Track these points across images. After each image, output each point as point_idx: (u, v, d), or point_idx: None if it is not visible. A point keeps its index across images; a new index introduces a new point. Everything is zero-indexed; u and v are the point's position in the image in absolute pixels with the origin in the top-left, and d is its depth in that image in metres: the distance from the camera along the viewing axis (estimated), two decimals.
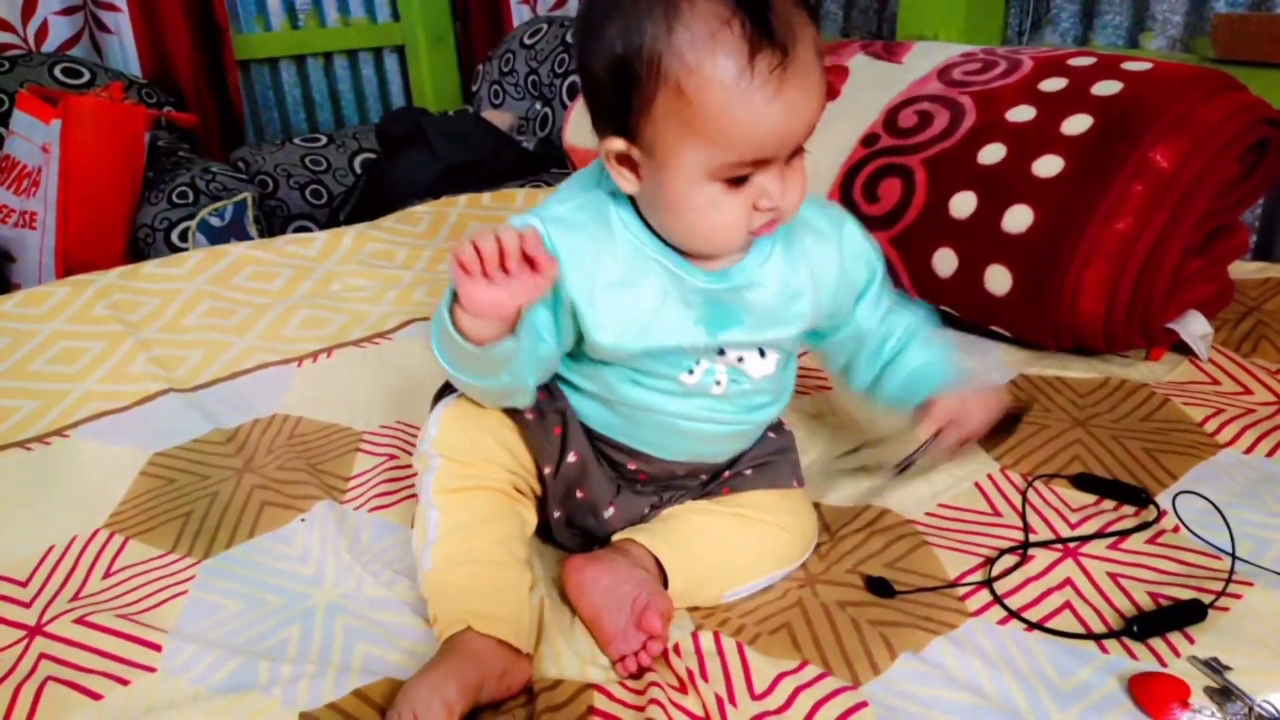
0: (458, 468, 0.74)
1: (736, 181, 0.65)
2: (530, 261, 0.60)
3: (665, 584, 0.74)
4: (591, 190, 0.73)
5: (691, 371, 0.74)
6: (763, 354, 0.76)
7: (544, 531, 0.82)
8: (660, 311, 0.71)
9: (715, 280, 0.72)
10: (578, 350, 0.74)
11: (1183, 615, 0.70)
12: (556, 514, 0.80)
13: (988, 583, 0.76)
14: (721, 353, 0.74)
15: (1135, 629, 0.69)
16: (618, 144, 0.66)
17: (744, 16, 0.60)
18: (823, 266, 0.77)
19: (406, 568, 0.80)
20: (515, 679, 0.67)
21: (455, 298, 0.63)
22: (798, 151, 0.67)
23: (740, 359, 0.75)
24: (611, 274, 0.70)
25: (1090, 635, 0.70)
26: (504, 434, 0.76)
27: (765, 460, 0.83)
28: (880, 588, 0.76)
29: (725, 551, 0.77)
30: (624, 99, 0.64)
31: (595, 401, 0.77)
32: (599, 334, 0.70)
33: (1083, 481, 0.89)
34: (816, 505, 0.87)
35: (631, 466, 0.79)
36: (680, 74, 0.61)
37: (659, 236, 0.71)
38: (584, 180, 0.75)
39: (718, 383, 0.75)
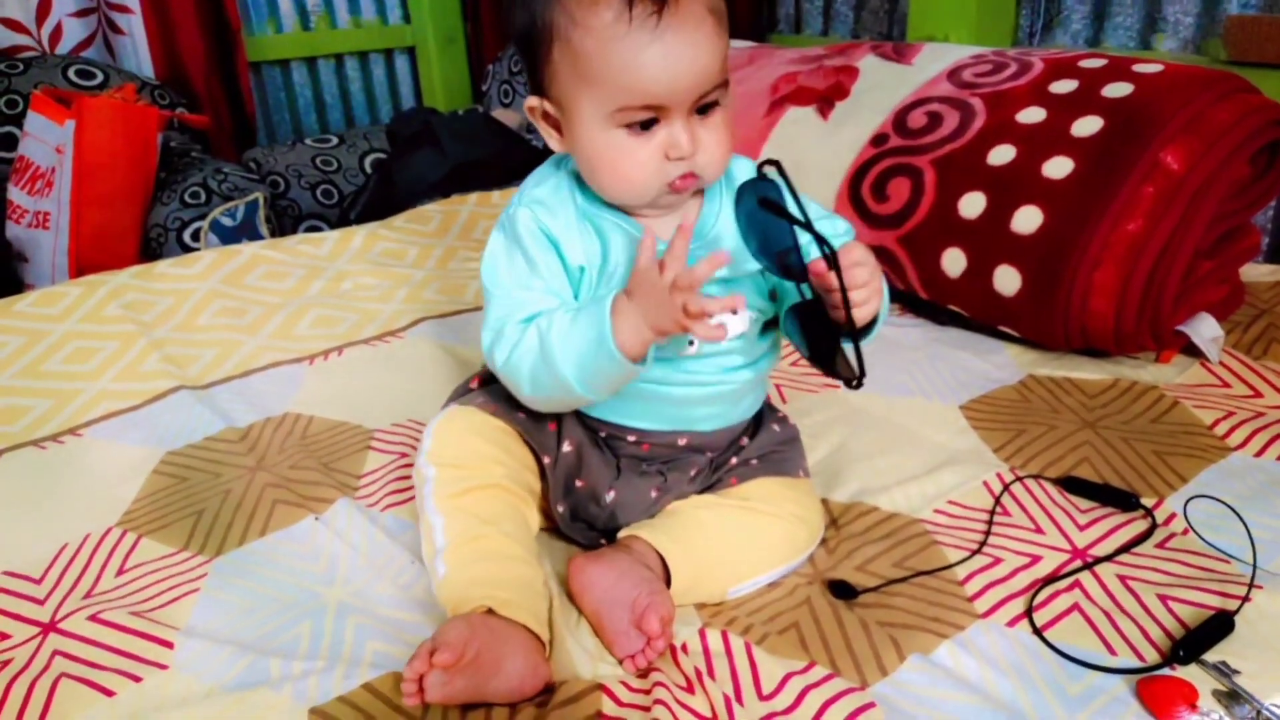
0: (454, 472, 0.75)
1: (642, 128, 0.69)
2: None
3: (670, 580, 0.74)
4: (554, 174, 0.78)
5: None
6: (734, 311, 0.76)
7: (554, 529, 0.83)
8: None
9: None
10: None
11: (1217, 630, 0.69)
12: (560, 509, 0.80)
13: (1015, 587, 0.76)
14: None
15: (1181, 653, 0.67)
16: (533, 100, 0.74)
17: None
18: None
19: (418, 564, 0.81)
20: (533, 680, 0.66)
21: (612, 326, 0.66)
22: (711, 107, 0.70)
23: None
24: (590, 251, 0.75)
25: (1140, 670, 0.67)
26: (497, 436, 0.77)
27: (772, 450, 0.84)
28: (842, 590, 0.76)
29: (730, 545, 0.77)
30: (534, 60, 0.72)
31: None
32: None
33: (1071, 485, 0.88)
34: (824, 501, 0.88)
35: (632, 439, 0.81)
36: (567, 27, 0.68)
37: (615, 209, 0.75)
38: (550, 165, 0.80)
39: (690, 342, 0.76)
